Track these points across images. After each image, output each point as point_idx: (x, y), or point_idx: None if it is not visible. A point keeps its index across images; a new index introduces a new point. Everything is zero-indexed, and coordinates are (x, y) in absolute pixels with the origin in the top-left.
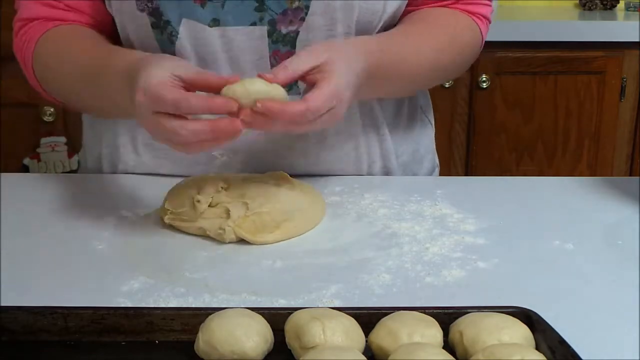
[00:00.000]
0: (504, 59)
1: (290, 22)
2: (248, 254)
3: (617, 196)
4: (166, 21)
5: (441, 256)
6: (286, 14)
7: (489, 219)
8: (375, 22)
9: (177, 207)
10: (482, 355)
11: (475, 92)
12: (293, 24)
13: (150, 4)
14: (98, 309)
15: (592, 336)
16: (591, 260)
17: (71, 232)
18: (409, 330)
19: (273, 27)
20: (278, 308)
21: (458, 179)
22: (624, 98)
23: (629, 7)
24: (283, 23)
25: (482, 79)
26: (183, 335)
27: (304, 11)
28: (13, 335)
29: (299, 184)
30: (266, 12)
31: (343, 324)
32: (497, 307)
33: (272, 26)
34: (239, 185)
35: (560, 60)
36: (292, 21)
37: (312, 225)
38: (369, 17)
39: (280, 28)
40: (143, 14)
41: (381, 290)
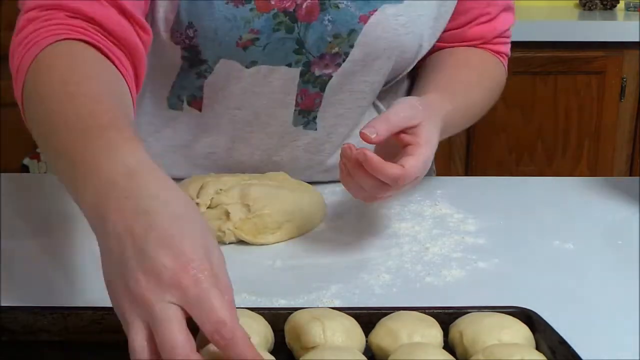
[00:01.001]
0: None
1: (326, 65)
2: (248, 254)
3: (617, 196)
4: (203, 60)
5: (441, 256)
6: (323, 58)
7: (489, 219)
8: (406, 68)
9: None
10: (482, 355)
11: None
12: (328, 67)
13: (188, 40)
14: (98, 309)
15: (592, 336)
16: (591, 260)
17: (71, 232)
18: (409, 330)
19: (307, 69)
20: (278, 308)
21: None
22: (624, 98)
23: (629, 7)
24: (318, 66)
25: None
26: None
27: (342, 57)
28: (13, 335)
29: (299, 184)
30: (304, 55)
31: (343, 324)
32: (497, 307)
33: (306, 67)
34: (238, 186)
35: (560, 60)
36: (328, 65)
37: (312, 226)
38: (399, 65)
39: (314, 70)
40: (177, 46)
41: (381, 290)
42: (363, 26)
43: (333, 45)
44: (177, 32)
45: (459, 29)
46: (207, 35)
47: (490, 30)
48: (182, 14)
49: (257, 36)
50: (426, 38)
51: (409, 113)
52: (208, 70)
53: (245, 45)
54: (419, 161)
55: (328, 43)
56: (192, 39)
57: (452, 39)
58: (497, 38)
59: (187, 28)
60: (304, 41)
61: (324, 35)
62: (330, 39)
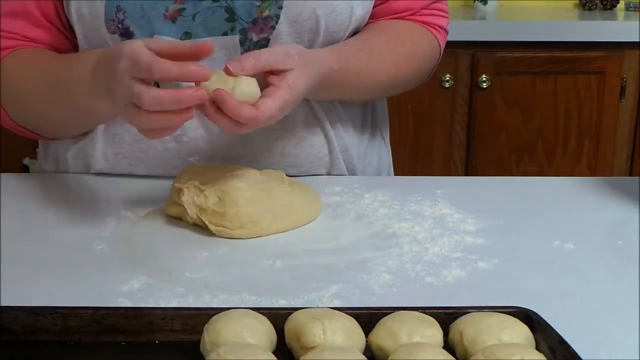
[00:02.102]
0: (504, 59)
1: (261, 30)
2: (248, 254)
3: (617, 196)
4: None
5: (441, 256)
6: (256, 22)
7: (489, 219)
8: (342, 32)
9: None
10: (482, 355)
11: (475, 92)
12: (264, 32)
13: (121, 24)
14: (98, 309)
15: (592, 336)
16: (591, 260)
17: (71, 232)
18: (409, 330)
19: (244, 36)
20: (278, 308)
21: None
22: (624, 98)
23: (629, 7)
24: (254, 31)
25: (482, 79)
26: (183, 336)
27: (273, 20)
28: (13, 335)
29: (291, 182)
30: (237, 22)
31: (343, 324)
32: (497, 307)
33: (243, 35)
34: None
35: (560, 60)
36: (263, 29)
37: (304, 221)
38: (336, 27)
39: (251, 36)
40: (114, 35)
41: (381, 290)
42: None
43: (262, 9)
44: (110, 21)
45: (386, 3)
46: (135, 14)
47: (415, 1)
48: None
49: (183, 6)
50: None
51: (281, 58)
52: None
53: (173, 17)
54: (275, 103)
55: (257, 7)
56: (122, 21)
57: (381, 13)
58: (424, 9)
59: (117, 12)
60: (232, 8)
61: (252, 0)
62: (258, 3)
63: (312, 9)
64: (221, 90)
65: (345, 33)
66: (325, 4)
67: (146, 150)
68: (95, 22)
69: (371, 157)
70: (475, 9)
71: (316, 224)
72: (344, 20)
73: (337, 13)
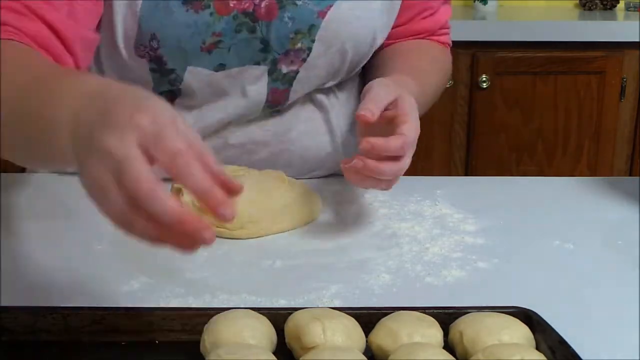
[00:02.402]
0: (504, 59)
1: (291, 62)
2: (248, 254)
3: (617, 196)
4: (170, 69)
5: (441, 256)
6: (288, 54)
7: (489, 219)
8: (362, 62)
9: None
10: (482, 355)
11: (475, 92)
12: (294, 64)
13: (153, 52)
14: (98, 309)
15: (592, 336)
16: (591, 260)
17: (71, 232)
18: (409, 330)
19: (274, 67)
20: (278, 308)
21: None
22: (624, 98)
23: (629, 7)
24: (284, 63)
25: (482, 79)
26: (183, 335)
27: (305, 52)
28: (13, 335)
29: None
30: (269, 53)
31: (343, 324)
32: (497, 307)
33: (273, 65)
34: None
35: (560, 60)
36: (294, 61)
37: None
38: (358, 58)
39: (281, 67)
40: (142, 60)
41: (381, 290)
42: (322, 21)
43: (295, 41)
44: (141, 46)
45: (404, 25)
46: (170, 44)
47: (433, 23)
48: (143, 26)
49: (220, 39)
50: (379, 30)
51: (385, 90)
52: (177, 79)
53: (210, 49)
54: (412, 124)
55: (290, 39)
56: (156, 50)
57: (399, 35)
58: (440, 29)
59: (151, 40)
60: (267, 40)
61: (286, 32)
62: (292, 36)
63: (342, 43)
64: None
65: (363, 62)
66: (353, 37)
67: None
68: (123, 41)
69: None
70: (475, 9)
71: (316, 224)
72: (367, 52)
73: (361, 44)
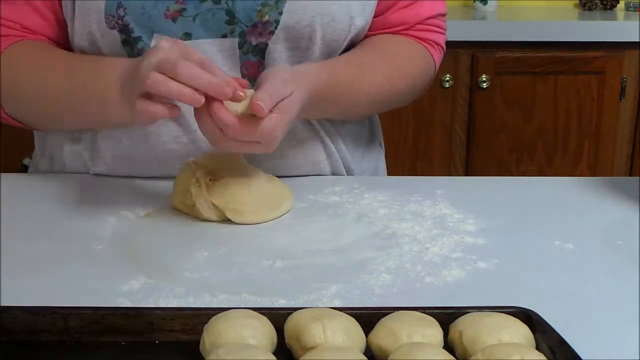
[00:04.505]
0: (504, 59)
1: (259, 34)
2: (248, 254)
3: (617, 196)
4: (137, 37)
5: (441, 256)
6: (256, 26)
7: (489, 219)
8: (340, 42)
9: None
10: (481, 355)
11: (475, 92)
12: (262, 36)
13: (120, 21)
14: (98, 309)
15: (592, 336)
16: (591, 260)
17: (71, 232)
18: (409, 330)
19: (243, 39)
20: (278, 308)
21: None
22: (624, 98)
23: (629, 7)
24: (253, 35)
25: (482, 79)
26: (183, 336)
27: (273, 25)
28: (13, 335)
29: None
30: (237, 25)
31: (343, 324)
32: (497, 307)
33: (242, 38)
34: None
35: (560, 60)
36: (262, 34)
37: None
38: (334, 36)
39: (250, 40)
40: (113, 31)
41: (381, 290)
42: None
43: (263, 14)
44: (110, 16)
45: (382, 15)
46: (135, 11)
47: (411, 15)
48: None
49: (184, 6)
50: (356, 11)
51: (283, 87)
52: (145, 48)
53: (174, 17)
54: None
55: (257, 11)
56: (123, 17)
57: (377, 26)
58: (419, 24)
59: (118, 8)
60: (233, 11)
61: (252, 4)
62: (258, 8)
63: (312, 17)
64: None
65: (344, 43)
66: (324, 13)
67: (145, 152)
68: (95, 16)
69: (368, 164)
70: (475, 9)
71: (316, 224)
72: (343, 30)
73: (336, 22)
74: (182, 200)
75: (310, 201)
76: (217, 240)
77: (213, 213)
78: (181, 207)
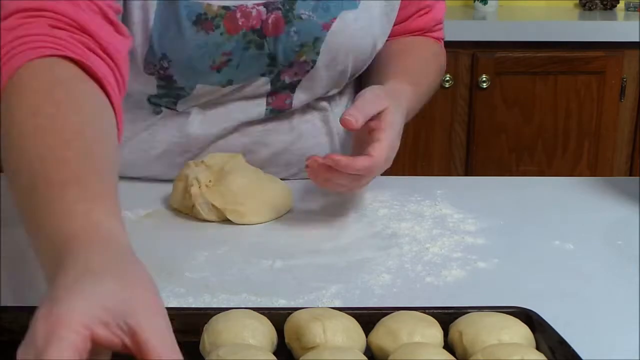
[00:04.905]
0: (504, 59)
1: (295, 74)
2: (248, 254)
3: (617, 196)
4: (178, 87)
5: (441, 256)
6: (292, 66)
7: (489, 219)
8: (362, 69)
9: None
10: (481, 355)
11: (475, 92)
12: (297, 75)
13: (162, 71)
14: None
15: (592, 336)
16: (591, 260)
17: None
18: (409, 330)
19: (277, 77)
20: (278, 308)
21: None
22: (624, 98)
23: (629, 7)
24: (288, 74)
25: (482, 79)
26: (183, 336)
27: (309, 65)
28: (13, 335)
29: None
30: (275, 67)
31: (343, 324)
32: (497, 307)
33: (277, 76)
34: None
35: (560, 60)
36: (297, 73)
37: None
38: (360, 65)
39: (284, 78)
40: (151, 77)
41: (381, 290)
42: (326, 33)
43: (301, 54)
44: (151, 64)
45: (402, 23)
46: (181, 65)
47: (430, 20)
48: (154, 46)
49: (230, 57)
50: (379, 37)
51: (376, 101)
52: (183, 94)
53: (219, 68)
54: (385, 145)
55: (296, 53)
56: (166, 69)
57: (395, 34)
58: (436, 25)
59: (161, 60)
60: (275, 54)
61: (292, 46)
62: (297, 49)
63: (346, 55)
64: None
65: (363, 69)
66: (355, 48)
67: (146, 151)
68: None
69: None
70: (475, 9)
71: (316, 224)
72: (367, 59)
73: (363, 54)
74: (182, 201)
75: (311, 201)
76: (217, 240)
77: (213, 214)
78: (181, 207)
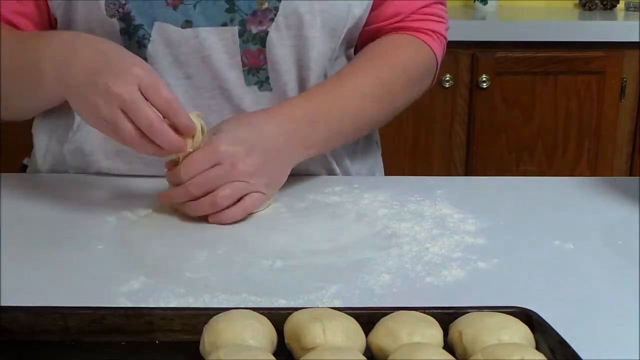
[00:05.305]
0: (504, 59)
1: (259, 22)
2: (248, 254)
3: (617, 196)
4: (137, 25)
5: (441, 256)
6: (256, 14)
7: (489, 219)
8: (340, 30)
9: None
10: (481, 355)
11: (475, 92)
12: (262, 24)
13: (121, 9)
14: (98, 309)
15: (592, 336)
16: (591, 260)
17: (71, 232)
18: (409, 330)
19: (243, 27)
20: (278, 308)
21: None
22: (624, 98)
23: (629, 7)
24: (253, 23)
25: (482, 79)
26: (183, 336)
27: (273, 12)
28: (13, 335)
29: None
30: (237, 13)
31: (343, 324)
32: (497, 307)
33: (242, 26)
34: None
35: (560, 60)
36: (262, 22)
37: None
38: (333, 23)
39: (250, 28)
40: (113, 19)
41: (381, 290)
42: None
43: (262, 2)
44: (110, 4)
45: (377, 10)
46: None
47: (404, 5)
48: None
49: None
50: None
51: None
52: (146, 36)
53: (175, 4)
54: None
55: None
56: (124, 5)
57: (374, 20)
58: (414, 14)
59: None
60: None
61: None
62: None
63: (310, 4)
64: None
65: (344, 31)
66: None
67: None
68: (95, 5)
69: (365, 163)
70: (475, 9)
71: (316, 224)
72: (342, 17)
73: (335, 9)
74: None
75: (310, 201)
76: (217, 240)
77: None
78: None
